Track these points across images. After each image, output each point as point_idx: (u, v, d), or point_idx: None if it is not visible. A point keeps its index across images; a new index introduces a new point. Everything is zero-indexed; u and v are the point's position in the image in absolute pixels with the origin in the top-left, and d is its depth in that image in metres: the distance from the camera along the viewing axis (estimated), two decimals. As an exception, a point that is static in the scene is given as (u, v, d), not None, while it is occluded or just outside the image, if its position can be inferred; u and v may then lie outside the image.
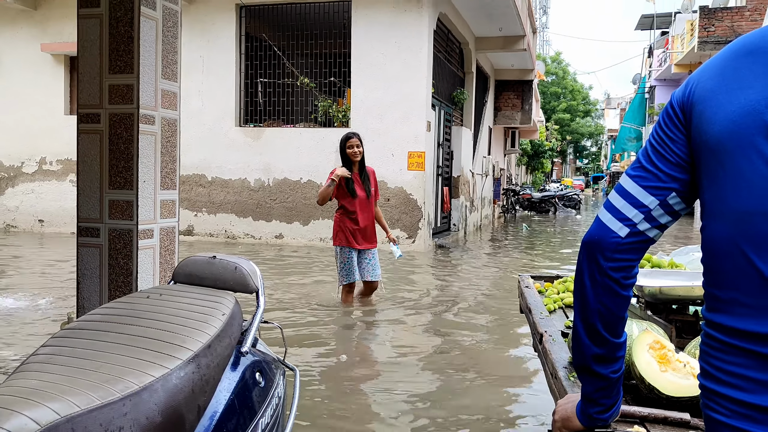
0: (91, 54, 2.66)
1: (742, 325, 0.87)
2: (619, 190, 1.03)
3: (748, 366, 0.86)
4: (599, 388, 1.10)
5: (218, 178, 11.41)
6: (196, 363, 1.31)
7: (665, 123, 1.01)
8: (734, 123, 0.88)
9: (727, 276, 0.89)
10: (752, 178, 0.85)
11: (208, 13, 11.37)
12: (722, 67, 0.94)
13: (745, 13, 20.76)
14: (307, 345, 4.74)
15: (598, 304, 1.03)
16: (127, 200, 2.65)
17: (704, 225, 0.95)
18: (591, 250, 1.03)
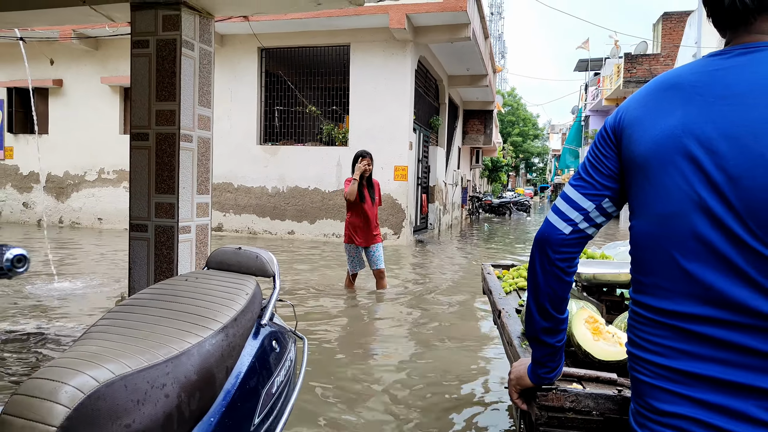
0: (142, 85, 2.63)
1: (662, 305, 0.87)
2: (564, 196, 1.04)
3: (667, 337, 0.86)
4: (546, 354, 1.10)
5: (243, 185, 11.35)
6: (225, 332, 1.29)
7: (600, 143, 1.01)
8: (657, 144, 0.88)
9: (650, 265, 0.90)
10: (671, 188, 0.86)
11: (235, 54, 11.32)
12: (645, 99, 0.94)
13: (660, 58, 20.97)
14: (315, 319, 4.72)
15: (548, 288, 1.03)
16: (170, 203, 2.63)
17: (632, 225, 0.95)
18: (542, 245, 1.03)
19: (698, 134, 0.83)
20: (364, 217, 5.68)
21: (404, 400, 3.06)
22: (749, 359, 0.78)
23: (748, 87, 0.81)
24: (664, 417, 0.85)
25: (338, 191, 10.83)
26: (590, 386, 1.17)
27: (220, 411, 1.22)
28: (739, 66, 0.83)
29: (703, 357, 0.82)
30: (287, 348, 1.65)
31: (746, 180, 0.79)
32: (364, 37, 10.52)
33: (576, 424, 1.12)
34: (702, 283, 0.83)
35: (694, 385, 0.82)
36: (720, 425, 0.79)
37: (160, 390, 1.05)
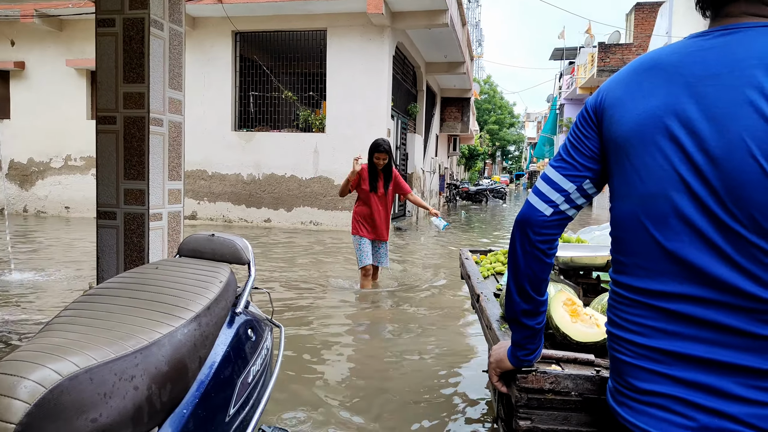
0: (108, 66, 2.53)
1: (643, 284, 0.87)
2: (545, 177, 1.03)
3: (649, 317, 0.87)
4: (526, 336, 1.10)
5: (217, 173, 11.17)
6: (197, 321, 1.25)
7: (581, 124, 1.01)
8: (639, 124, 0.88)
9: (630, 245, 0.90)
10: (653, 168, 0.86)
11: (208, 37, 11.06)
12: (627, 79, 0.94)
13: (632, 48, 21.28)
14: (291, 307, 4.68)
15: (528, 269, 1.03)
16: (140, 189, 2.55)
17: (613, 205, 0.95)
18: (523, 226, 1.02)
19: (680, 115, 0.83)
20: (374, 208, 5.24)
21: (382, 383, 3.06)
22: (730, 338, 0.79)
23: (727, 67, 0.80)
24: (644, 395, 0.86)
25: (315, 178, 10.74)
26: (569, 367, 1.18)
27: (193, 402, 1.19)
28: (719, 47, 0.83)
29: (684, 336, 0.83)
30: (263, 336, 1.61)
31: (725, 161, 0.79)
32: (341, 21, 10.38)
33: (555, 404, 1.13)
34: (683, 262, 0.83)
35: (675, 364, 0.83)
36: (700, 402, 0.80)
37: (128, 382, 1.01)
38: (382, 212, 5.31)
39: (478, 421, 2.66)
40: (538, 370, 1.14)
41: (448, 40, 12.14)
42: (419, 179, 14.68)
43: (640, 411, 0.86)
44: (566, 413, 1.13)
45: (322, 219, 10.72)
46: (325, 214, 10.71)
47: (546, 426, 1.13)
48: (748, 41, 0.81)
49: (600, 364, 1.19)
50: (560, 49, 32.71)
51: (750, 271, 0.78)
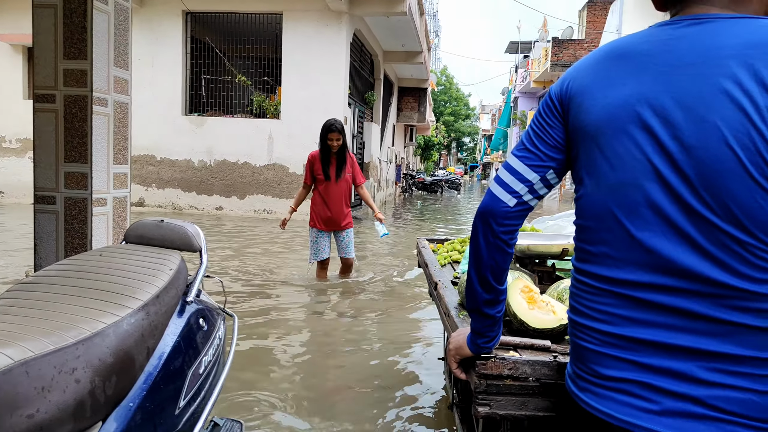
0: (46, 40, 2.37)
1: (611, 274, 0.87)
2: (508, 167, 1.01)
3: (614, 305, 0.87)
4: (486, 325, 1.11)
5: (166, 158, 10.79)
6: (145, 311, 1.19)
7: (545, 112, 0.99)
8: (610, 113, 0.87)
9: (599, 234, 0.90)
10: (624, 157, 0.86)
11: (157, 16, 10.61)
12: (594, 67, 0.93)
13: (584, 44, 21.89)
14: (245, 296, 4.59)
15: (491, 260, 1.02)
16: (82, 172, 2.41)
17: (581, 194, 0.94)
18: (486, 217, 1.00)
19: (653, 103, 0.83)
20: (329, 197, 4.90)
21: (337, 371, 3.05)
22: (696, 324, 0.80)
23: (701, 57, 0.81)
24: (608, 381, 0.87)
25: (269, 166, 10.54)
26: (526, 353, 1.20)
27: (141, 395, 1.14)
28: (690, 36, 0.83)
29: (650, 323, 0.84)
30: (216, 326, 1.56)
31: (700, 150, 0.79)
32: (297, 5, 10.18)
33: (513, 390, 1.14)
34: (652, 252, 0.83)
35: (640, 350, 0.84)
36: (664, 386, 0.82)
37: (69, 375, 0.95)
38: (338, 201, 4.93)
39: (433, 407, 2.69)
40: (497, 356, 1.15)
41: (406, 29, 12.12)
42: (376, 168, 14.67)
43: (604, 396, 0.87)
44: (524, 398, 1.15)
45: (276, 207, 10.55)
46: (280, 203, 10.54)
47: (504, 411, 1.15)
48: (721, 31, 0.81)
49: (556, 350, 1.21)
50: (515, 43, 33.31)
51: (720, 259, 0.79)
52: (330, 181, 4.88)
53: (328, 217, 4.94)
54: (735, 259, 0.78)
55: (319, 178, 4.90)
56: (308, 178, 4.97)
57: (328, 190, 4.91)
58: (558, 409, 1.14)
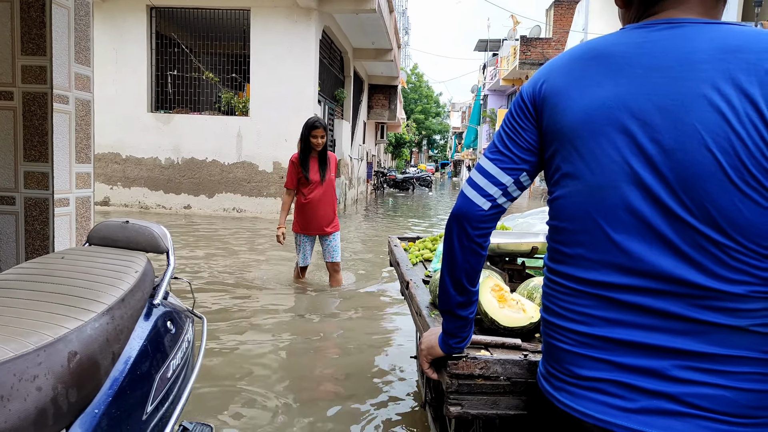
0: (2, 36, 2.27)
1: (587, 275, 0.87)
2: (480, 170, 1.00)
3: (591, 306, 0.87)
4: (459, 326, 1.11)
5: (132, 156, 10.53)
6: (110, 315, 1.16)
7: (517, 114, 0.98)
8: (587, 114, 0.87)
9: (575, 236, 0.89)
10: (602, 159, 0.85)
11: (120, 11, 10.33)
12: (569, 68, 0.92)
13: (552, 42, 22.30)
14: (214, 298, 4.52)
15: (465, 263, 1.02)
16: (43, 172, 2.32)
17: (557, 196, 0.93)
18: (460, 221, 1.00)
19: (631, 106, 0.83)
20: (311, 199, 4.59)
21: (308, 371, 3.03)
22: (671, 323, 0.82)
23: (677, 60, 0.82)
24: (585, 381, 0.87)
25: (238, 164, 10.40)
26: (497, 352, 1.21)
27: (106, 401, 1.11)
28: (667, 39, 0.84)
29: (625, 323, 0.84)
30: (184, 329, 1.54)
31: (679, 152, 0.80)
32: (265, 2, 10.05)
33: (485, 389, 1.15)
34: (630, 254, 0.84)
35: (616, 350, 0.85)
36: (640, 385, 0.83)
37: (30, 383, 0.92)
38: (324, 204, 4.63)
39: (406, 406, 2.71)
40: (468, 356, 1.15)
41: (375, 27, 12.11)
42: (347, 166, 14.63)
43: (580, 395, 0.87)
44: (495, 397, 1.15)
45: (246, 206, 10.42)
46: (249, 201, 10.41)
47: (476, 410, 1.15)
48: (697, 36, 0.82)
49: (527, 349, 1.23)
50: (484, 41, 33.63)
51: (697, 261, 0.80)
52: (313, 183, 4.59)
53: (313, 222, 4.65)
54: (711, 261, 0.80)
55: (303, 181, 4.60)
56: (292, 181, 4.63)
57: (312, 192, 4.60)
58: (529, 407, 1.15)
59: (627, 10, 0.96)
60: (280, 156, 10.17)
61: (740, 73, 0.77)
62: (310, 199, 4.61)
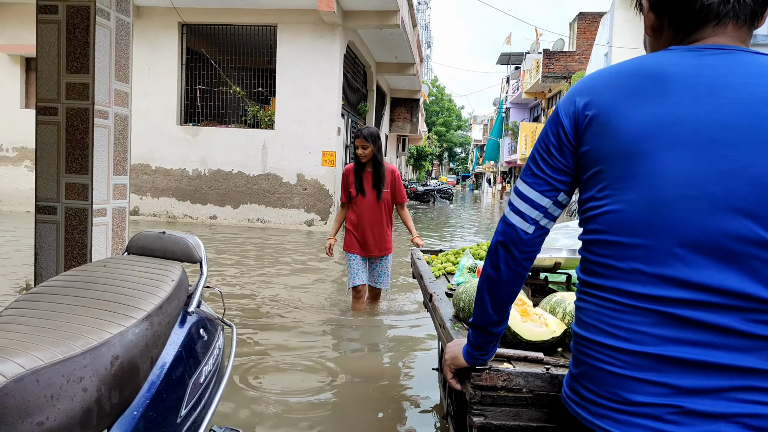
0: (50, 54, 2.40)
1: (643, 290, 0.85)
2: (520, 195, 1.00)
3: (644, 323, 0.84)
4: (488, 341, 1.13)
5: (161, 167, 10.78)
6: (149, 321, 1.22)
7: (553, 133, 0.97)
8: (648, 131, 0.86)
9: (631, 250, 0.87)
10: (668, 175, 0.85)
11: (153, 28, 10.66)
12: (617, 84, 0.91)
13: (575, 56, 22.14)
14: (244, 307, 4.60)
15: (510, 286, 1.03)
16: (83, 183, 2.43)
17: (607, 210, 0.90)
18: (507, 246, 1.00)
19: (697, 123, 0.84)
20: (363, 216, 4.15)
21: (332, 381, 3.06)
22: (731, 340, 0.80)
23: (739, 82, 0.84)
24: (636, 407, 0.83)
25: (263, 175, 10.56)
26: (519, 365, 1.22)
27: (144, 403, 1.16)
28: (723, 63, 0.86)
29: (682, 341, 0.82)
30: (215, 336, 1.59)
31: (752, 168, 0.81)
32: (292, 18, 10.26)
33: (507, 401, 1.17)
34: (692, 268, 0.82)
35: (671, 371, 0.82)
36: (698, 409, 0.80)
37: (77, 384, 0.97)
38: (374, 222, 4.16)
39: (428, 417, 2.71)
40: (492, 368, 1.17)
41: (398, 41, 12.24)
42: (369, 178, 14.72)
43: (628, 422, 0.83)
44: (518, 409, 1.17)
45: (270, 217, 10.56)
46: (273, 212, 10.55)
47: (499, 422, 1.17)
48: (752, 61, 0.86)
49: (549, 362, 1.24)
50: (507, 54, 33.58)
51: (761, 274, 0.80)
52: (366, 198, 4.15)
53: (364, 241, 4.21)
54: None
55: (353, 195, 4.19)
56: (344, 195, 4.25)
57: (364, 209, 4.16)
58: (552, 420, 1.16)
59: (657, 37, 0.98)
60: (304, 168, 10.32)
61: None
62: (363, 216, 4.16)
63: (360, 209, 4.17)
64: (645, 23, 1.00)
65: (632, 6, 1.04)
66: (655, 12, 0.96)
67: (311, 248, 8.13)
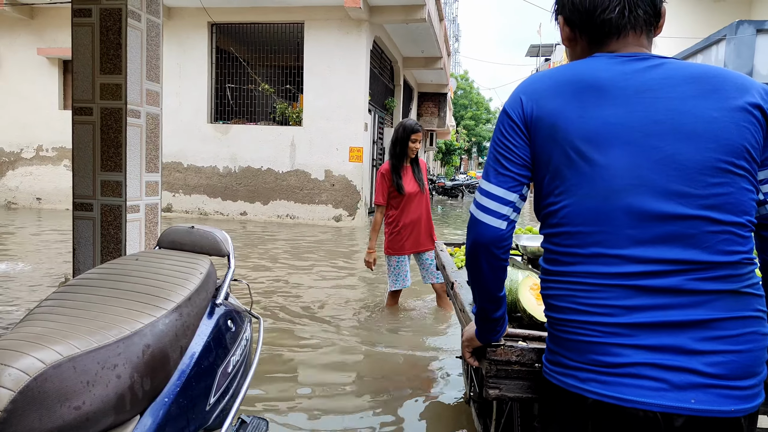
0: (84, 56, 2.49)
1: (608, 269, 0.96)
2: (487, 194, 1.07)
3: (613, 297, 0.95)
4: (493, 326, 1.22)
5: (193, 165, 11.02)
6: (178, 312, 1.26)
7: (509, 134, 1.06)
8: (593, 132, 0.98)
9: (592, 237, 0.98)
10: (615, 168, 0.97)
11: (184, 29, 10.87)
12: (559, 91, 1.02)
13: (606, 46, 21.58)
14: (271, 299, 4.68)
15: (497, 280, 1.12)
16: (117, 180, 2.52)
17: (563, 205, 1.01)
18: (485, 245, 1.07)
19: (631, 121, 0.96)
20: (416, 212, 4.05)
21: (359, 370, 3.10)
22: (682, 298, 0.93)
23: (659, 84, 0.98)
24: (617, 368, 0.93)
25: (292, 172, 10.69)
26: (533, 344, 1.28)
27: (175, 391, 1.20)
28: (643, 68, 0.99)
29: (645, 307, 0.93)
30: (243, 327, 1.63)
31: (679, 155, 0.94)
32: (318, 15, 10.32)
33: (521, 374, 1.24)
34: (645, 245, 0.94)
35: (641, 333, 0.93)
36: (666, 363, 0.91)
37: (111, 371, 1.02)
38: (422, 213, 4.08)
39: (452, 403, 2.72)
40: (506, 344, 1.24)
41: (425, 36, 12.18)
42: (396, 173, 14.71)
43: (612, 383, 0.93)
44: (530, 382, 1.24)
45: (299, 213, 10.69)
46: (302, 208, 10.67)
47: (512, 394, 1.24)
48: (663, 65, 1.00)
49: None
50: (536, 46, 33.04)
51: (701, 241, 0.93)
52: (410, 194, 4.03)
53: (417, 237, 4.07)
54: (713, 239, 0.93)
55: (395, 194, 4.04)
56: (382, 197, 4.06)
57: (411, 203, 4.04)
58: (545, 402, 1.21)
59: (573, 47, 1.12)
60: (332, 164, 10.40)
61: (709, 92, 0.96)
62: (411, 211, 4.05)
63: (407, 205, 4.03)
64: (561, 35, 1.13)
65: (551, 19, 1.16)
66: (569, 25, 1.10)
67: (339, 245, 8.20)
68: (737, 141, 0.94)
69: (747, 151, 0.95)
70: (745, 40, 8.23)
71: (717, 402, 0.90)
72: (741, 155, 0.94)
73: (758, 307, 0.96)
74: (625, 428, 0.92)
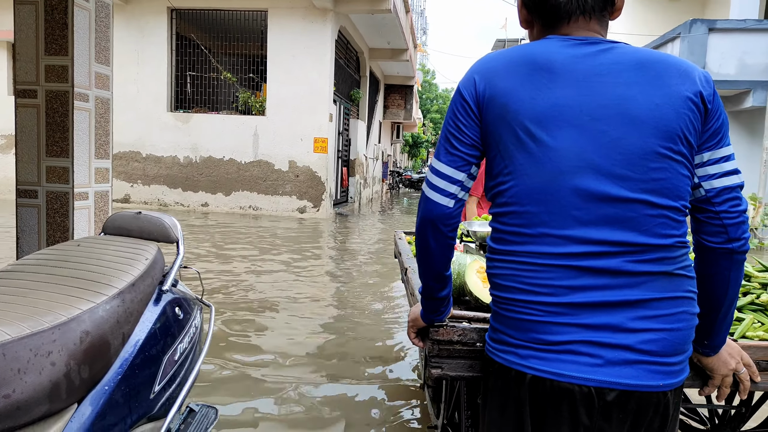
0: (28, 37, 2.38)
1: (552, 249, 0.98)
2: (436, 173, 1.09)
3: (556, 277, 0.98)
4: (437, 306, 1.24)
5: (152, 154, 10.73)
6: (121, 298, 1.23)
7: (460, 114, 1.07)
8: (541, 113, 0.99)
9: (538, 217, 0.99)
10: (561, 150, 0.99)
11: (142, 14, 10.54)
12: (512, 71, 1.03)
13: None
14: (226, 287, 4.62)
15: (443, 257, 1.13)
16: (63, 166, 2.43)
17: (511, 185, 1.02)
18: (433, 223, 1.09)
19: (579, 105, 0.98)
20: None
21: (314, 359, 3.10)
22: (620, 279, 0.96)
23: (608, 69, 1.00)
24: (556, 345, 0.97)
25: (255, 162, 10.53)
26: (477, 325, 1.31)
27: (116, 379, 1.17)
28: (594, 53, 1.01)
29: (586, 287, 0.96)
30: (192, 315, 1.60)
31: (623, 140, 0.96)
32: (283, 3, 10.16)
33: (462, 354, 1.26)
34: (587, 226, 0.97)
35: (580, 313, 0.96)
36: (602, 340, 0.95)
37: (45, 358, 0.99)
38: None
39: (407, 387, 2.75)
40: (448, 324, 1.26)
41: (391, 27, 12.16)
42: (362, 165, 14.70)
43: (552, 359, 0.97)
44: (471, 361, 1.26)
45: (262, 204, 10.55)
46: (265, 199, 10.54)
47: (454, 373, 1.26)
48: (613, 50, 1.01)
49: None
50: (502, 40, 33.41)
51: (638, 224, 0.97)
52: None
53: None
54: (649, 222, 0.97)
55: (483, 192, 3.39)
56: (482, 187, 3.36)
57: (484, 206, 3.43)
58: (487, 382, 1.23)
59: (530, 29, 1.15)
60: (296, 155, 10.29)
61: (653, 78, 0.99)
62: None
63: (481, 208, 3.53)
64: (519, 17, 1.16)
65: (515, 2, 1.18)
66: (526, 8, 1.13)
67: (304, 235, 8.15)
68: (677, 127, 0.97)
69: (685, 137, 0.98)
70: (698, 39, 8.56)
71: (647, 377, 0.94)
72: (679, 141, 0.97)
73: (689, 288, 1.00)
74: (562, 403, 0.96)
